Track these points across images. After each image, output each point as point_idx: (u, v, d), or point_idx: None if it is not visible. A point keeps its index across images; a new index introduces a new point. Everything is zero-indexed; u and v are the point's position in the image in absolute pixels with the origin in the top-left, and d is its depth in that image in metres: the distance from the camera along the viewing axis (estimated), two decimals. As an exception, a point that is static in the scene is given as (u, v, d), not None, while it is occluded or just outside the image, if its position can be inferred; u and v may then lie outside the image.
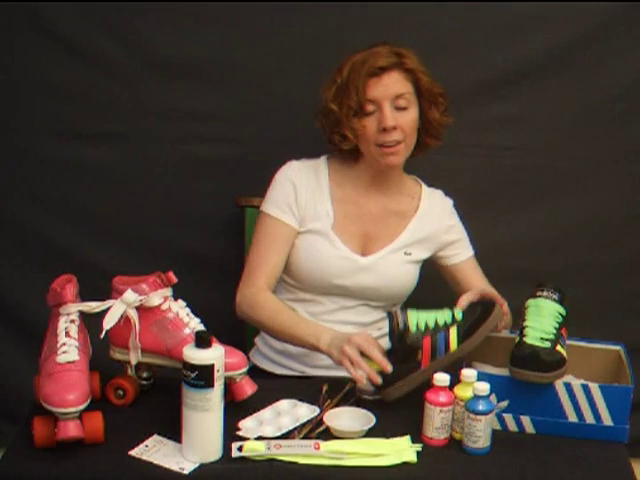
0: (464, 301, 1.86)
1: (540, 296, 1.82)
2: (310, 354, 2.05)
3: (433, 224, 2.10)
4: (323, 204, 2.04)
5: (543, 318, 1.77)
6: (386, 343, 2.07)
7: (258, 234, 2.06)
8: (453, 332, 1.79)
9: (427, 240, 2.09)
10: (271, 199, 2.05)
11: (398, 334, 1.77)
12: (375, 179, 2.06)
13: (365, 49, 1.98)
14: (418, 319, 1.78)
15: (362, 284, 2.04)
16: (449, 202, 2.16)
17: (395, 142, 1.96)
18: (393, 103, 1.95)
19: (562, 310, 1.80)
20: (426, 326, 1.78)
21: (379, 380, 1.77)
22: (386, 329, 1.87)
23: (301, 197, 2.03)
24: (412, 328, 1.77)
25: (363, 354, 1.80)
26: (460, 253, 2.14)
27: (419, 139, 2.04)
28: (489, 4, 2.28)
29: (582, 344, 1.88)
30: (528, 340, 1.73)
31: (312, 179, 2.06)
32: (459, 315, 1.82)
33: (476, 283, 2.10)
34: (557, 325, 1.77)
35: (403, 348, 1.78)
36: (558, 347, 1.73)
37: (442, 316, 1.80)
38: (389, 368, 1.77)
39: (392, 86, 1.95)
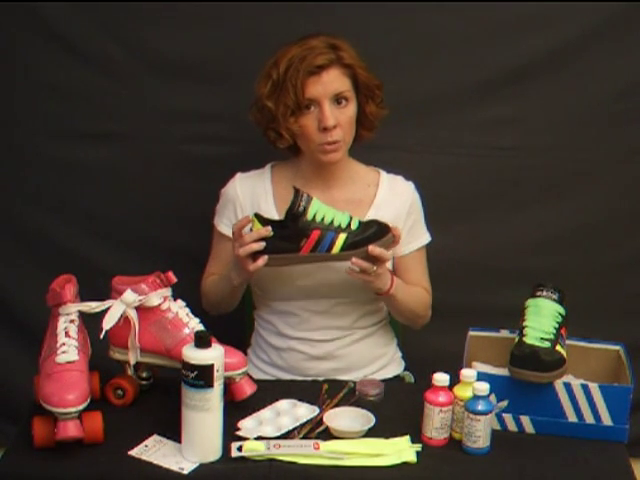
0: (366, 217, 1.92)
1: (540, 296, 1.82)
2: (300, 366, 2.05)
3: (394, 210, 2.05)
4: (268, 211, 2.02)
5: (543, 318, 1.77)
6: (369, 343, 2.09)
7: (212, 244, 2.13)
8: (341, 238, 1.84)
9: None
10: (217, 212, 2.11)
11: (294, 214, 1.83)
12: (319, 171, 2.04)
13: (299, 41, 1.95)
14: (318, 210, 1.84)
15: (327, 282, 1.99)
16: (410, 185, 2.10)
17: (335, 141, 1.95)
18: (332, 100, 1.94)
19: (562, 310, 1.80)
20: (322, 220, 1.83)
21: (269, 229, 1.82)
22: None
23: (242, 209, 2.05)
24: (309, 215, 1.83)
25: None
26: (409, 244, 2.07)
27: (355, 132, 2.02)
28: (489, 4, 2.28)
29: (582, 344, 1.87)
30: (528, 340, 1.73)
31: (255, 188, 2.06)
32: (355, 224, 1.86)
33: (412, 276, 2.07)
34: (557, 325, 1.77)
35: (293, 227, 1.83)
36: (558, 347, 1.73)
37: (340, 218, 1.85)
38: (269, 230, 1.82)
39: (331, 84, 1.93)
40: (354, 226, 1.85)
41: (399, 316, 2.08)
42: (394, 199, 2.06)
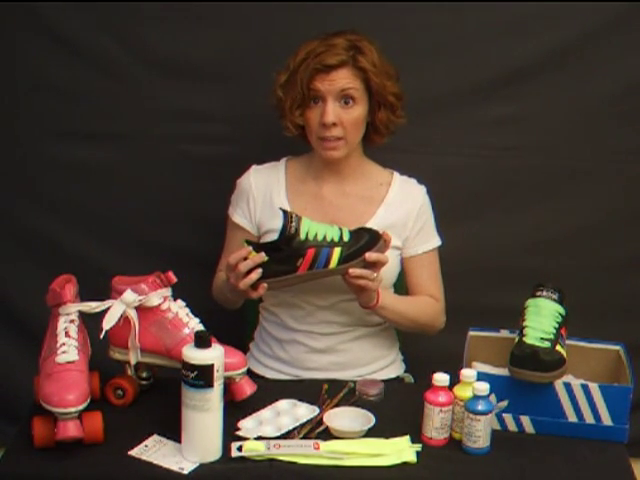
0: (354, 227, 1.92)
1: (540, 296, 1.82)
2: (302, 358, 2.06)
3: (404, 210, 2.06)
4: (280, 201, 2.04)
5: (543, 318, 1.77)
6: (371, 342, 2.09)
7: (225, 236, 2.13)
8: (336, 252, 1.85)
9: (397, 227, 2.03)
10: (231, 203, 2.12)
11: (287, 236, 1.83)
12: (330, 166, 2.05)
13: (324, 36, 1.96)
14: (309, 228, 1.84)
15: (333, 277, 1.97)
16: (422, 188, 2.11)
17: (335, 138, 1.96)
18: (338, 99, 1.95)
19: (562, 310, 1.80)
20: (315, 237, 1.84)
21: (263, 255, 1.81)
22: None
23: (255, 200, 2.06)
24: (302, 235, 1.83)
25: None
26: (418, 245, 2.08)
27: (367, 134, 2.03)
28: (489, 4, 2.28)
29: (582, 344, 1.87)
30: (528, 340, 1.73)
31: (269, 180, 2.08)
32: (347, 236, 1.86)
33: (419, 279, 2.08)
34: (557, 325, 1.77)
35: (288, 249, 1.83)
36: (558, 347, 1.73)
37: (331, 232, 1.86)
38: (264, 256, 1.81)
39: (339, 82, 1.93)
40: (346, 238, 1.86)
41: (398, 326, 2.10)
42: (404, 200, 2.07)
